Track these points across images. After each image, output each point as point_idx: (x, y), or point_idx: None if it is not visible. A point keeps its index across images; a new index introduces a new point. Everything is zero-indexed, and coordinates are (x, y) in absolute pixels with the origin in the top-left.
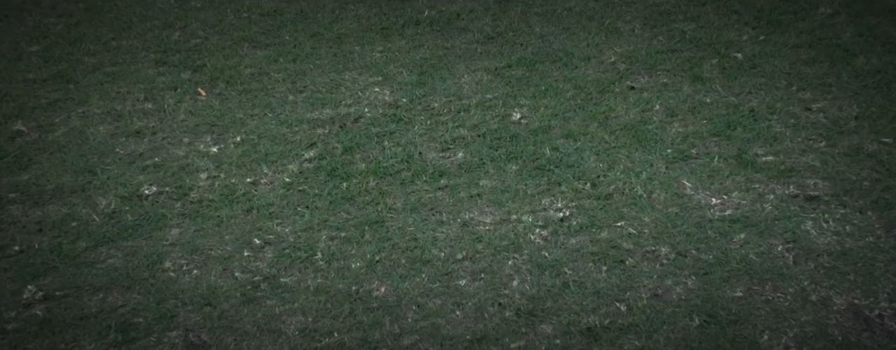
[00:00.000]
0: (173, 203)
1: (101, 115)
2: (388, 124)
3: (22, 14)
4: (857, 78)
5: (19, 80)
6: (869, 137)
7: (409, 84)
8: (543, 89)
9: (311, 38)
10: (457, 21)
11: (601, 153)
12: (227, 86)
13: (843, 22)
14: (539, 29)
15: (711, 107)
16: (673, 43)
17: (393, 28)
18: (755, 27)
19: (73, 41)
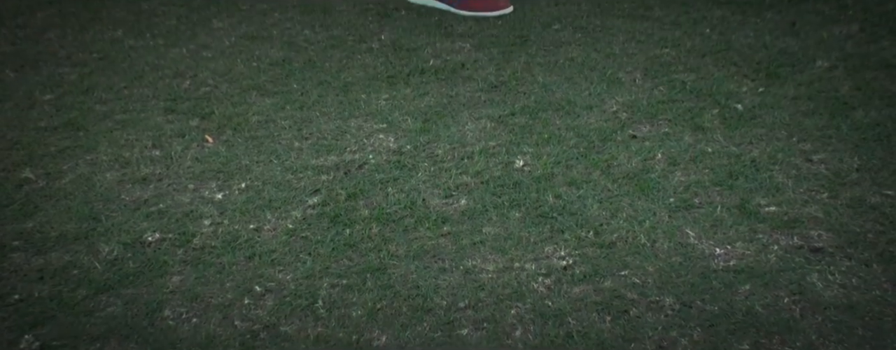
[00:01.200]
0: (176, 250)
1: (109, 162)
2: (391, 171)
3: (38, 64)
4: (856, 130)
5: (31, 128)
6: (871, 189)
7: (413, 131)
8: (546, 137)
9: (319, 86)
10: (461, 70)
11: (604, 201)
12: (234, 133)
13: (840, 76)
14: (542, 78)
15: (713, 156)
16: (674, 93)
17: (399, 77)
18: (754, 79)
19: (86, 90)
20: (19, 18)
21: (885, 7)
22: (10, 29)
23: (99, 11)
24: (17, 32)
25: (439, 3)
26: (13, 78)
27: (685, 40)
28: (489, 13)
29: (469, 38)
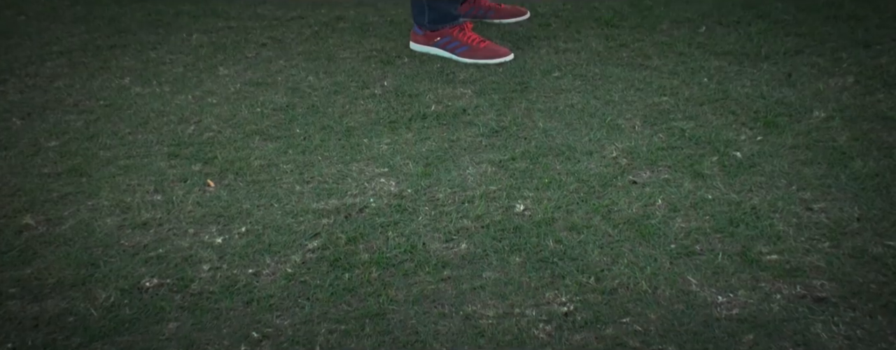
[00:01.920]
0: (173, 295)
1: (110, 208)
2: (392, 214)
3: (45, 112)
4: (855, 180)
5: (34, 174)
6: (873, 240)
7: (414, 175)
8: (547, 182)
9: (321, 130)
10: (463, 115)
11: (605, 246)
12: (235, 177)
13: (837, 126)
14: (542, 124)
15: (713, 203)
16: (673, 140)
17: (401, 121)
18: (752, 128)
19: (91, 136)
20: (30, 68)
21: (879, 61)
22: (20, 78)
23: (108, 61)
24: (26, 81)
25: (441, 51)
26: (20, 125)
27: (683, 89)
28: (490, 60)
29: (470, 84)
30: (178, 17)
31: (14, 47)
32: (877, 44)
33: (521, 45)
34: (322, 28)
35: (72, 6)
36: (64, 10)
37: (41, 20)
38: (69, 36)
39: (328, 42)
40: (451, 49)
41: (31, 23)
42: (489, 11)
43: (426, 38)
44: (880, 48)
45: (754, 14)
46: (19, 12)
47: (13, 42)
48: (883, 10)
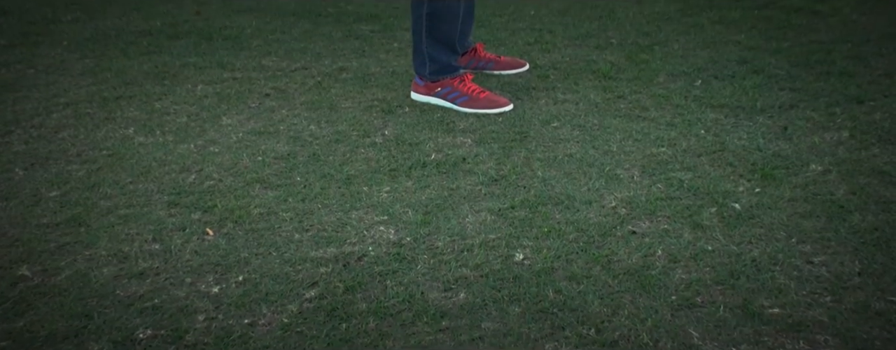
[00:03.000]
0: (167, 347)
1: (107, 258)
2: (391, 263)
3: (48, 162)
4: (855, 234)
5: (33, 224)
6: (875, 295)
7: (413, 223)
8: (546, 231)
9: (322, 178)
10: (462, 164)
11: (605, 297)
12: (235, 225)
13: (835, 180)
14: (541, 173)
15: (713, 255)
16: (671, 191)
17: (401, 170)
18: (750, 180)
19: (92, 186)
20: (36, 119)
21: (872, 117)
22: (26, 129)
23: (113, 111)
24: (31, 132)
25: (442, 101)
26: (22, 176)
27: (680, 140)
28: (490, 110)
29: (470, 133)
30: (185, 68)
31: (21, 99)
32: (869, 100)
33: (521, 95)
34: (325, 79)
35: (81, 59)
36: (73, 63)
37: (50, 73)
38: (76, 88)
39: (331, 92)
40: (452, 99)
41: (39, 75)
42: (489, 63)
43: (427, 89)
44: (873, 104)
45: (749, 69)
46: (29, 65)
47: (21, 94)
48: (874, 68)
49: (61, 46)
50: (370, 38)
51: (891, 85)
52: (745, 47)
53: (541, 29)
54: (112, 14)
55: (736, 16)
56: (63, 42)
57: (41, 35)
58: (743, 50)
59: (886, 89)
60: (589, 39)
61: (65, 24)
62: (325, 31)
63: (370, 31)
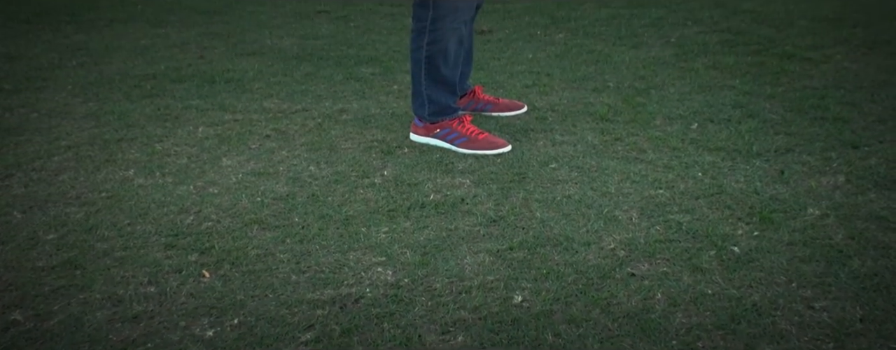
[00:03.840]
0: None
1: (102, 301)
2: (388, 305)
3: (46, 205)
4: (855, 279)
5: (28, 268)
6: (878, 342)
7: (411, 264)
8: (545, 273)
9: (320, 219)
10: (461, 205)
11: (605, 341)
12: (231, 267)
13: (833, 224)
14: (540, 214)
15: (713, 298)
16: (670, 233)
17: (399, 210)
18: (748, 223)
19: (90, 228)
20: (36, 162)
21: (868, 162)
22: (26, 172)
23: (114, 154)
24: (31, 175)
25: (441, 142)
26: (20, 219)
27: (678, 183)
28: (489, 151)
29: (469, 174)
30: (187, 110)
31: (23, 143)
32: (864, 145)
33: (519, 137)
34: (325, 120)
35: (84, 102)
36: (76, 107)
37: (53, 116)
38: (78, 131)
39: (331, 133)
40: (451, 140)
41: (42, 119)
42: (488, 105)
43: (426, 130)
44: (868, 150)
45: (744, 113)
46: (33, 109)
47: (23, 138)
48: (867, 114)
49: (66, 90)
50: (370, 80)
51: (884, 131)
52: (740, 92)
53: (538, 72)
54: (117, 59)
55: (730, 61)
56: (68, 86)
57: (47, 80)
58: (738, 94)
59: (880, 135)
60: (586, 82)
61: (70, 68)
62: (327, 74)
63: (371, 74)
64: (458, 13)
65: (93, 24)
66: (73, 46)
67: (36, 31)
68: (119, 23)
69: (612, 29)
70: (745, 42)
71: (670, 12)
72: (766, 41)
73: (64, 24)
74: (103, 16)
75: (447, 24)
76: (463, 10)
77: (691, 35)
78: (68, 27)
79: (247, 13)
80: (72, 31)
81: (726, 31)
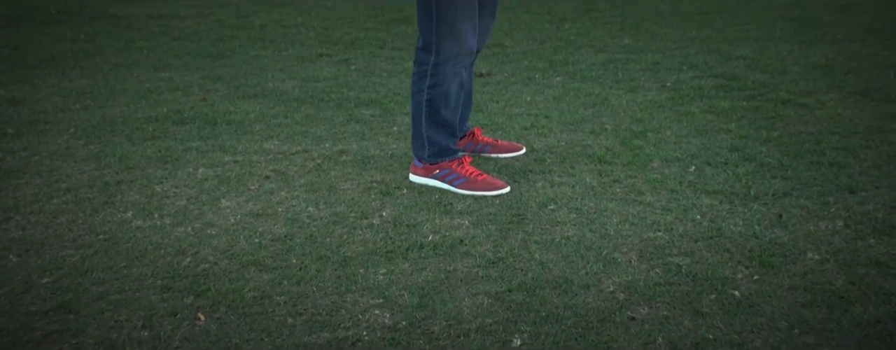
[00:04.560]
0: None
1: (94, 346)
2: (385, 348)
3: (43, 248)
4: (857, 326)
5: (21, 313)
6: None
7: (409, 307)
8: (544, 315)
9: (318, 261)
10: (459, 246)
11: None
12: (227, 310)
13: (833, 269)
14: (539, 256)
15: (715, 344)
16: (670, 276)
17: (397, 252)
18: (748, 266)
19: (85, 271)
20: (35, 205)
21: (866, 207)
22: (24, 215)
23: (113, 196)
24: (29, 218)
25: (440, 183)
26: (15, 263)
27: (677, 225)
28: (487, 192)
29: (468, 215)
30: (187, 152)
31: (23, 186)
32: (861, 190)
33: (518, 178)
34: (325, 161)
35: (86, 145)
36: (78, 150)
37: (54, 159)
38: (79, 173)
39: (330, 174)
40: (450, 181)
41: (43, 162)
42: (487, 146)
43: (425, 171)
44: (865, 195)
45: (740, 156)
46: (34, 153)
47: (23, 181)
48: (862, 160)
49: (68, 133)
50: (371, 121)
51: (880, 176)
52: (736, 136)
53: (537, 114)
54: (120, 102)
55: (725, 106)
56: (70, 129)
57: (50, 123)
58: (734, 138)
59: (877, 180)
60: (584, 125)
61: (74, 112)
62: (327, 116)
63: (371, 116)
64: (459, 58)
65: (98, 68)
66: (77, 90)
67: (42, 76)
68: (123, 67)
69: (609, 73)
70: (739, 87)
71: (665, 57)
72: (761, 87)
73: (69, 68)
74: (108, 61)
75: (448, 69)
76: (464, 55)
77: (687, 80)
78: (74, 72)
79: (249, 57)
80: (77, 75)
81: (721, 77)
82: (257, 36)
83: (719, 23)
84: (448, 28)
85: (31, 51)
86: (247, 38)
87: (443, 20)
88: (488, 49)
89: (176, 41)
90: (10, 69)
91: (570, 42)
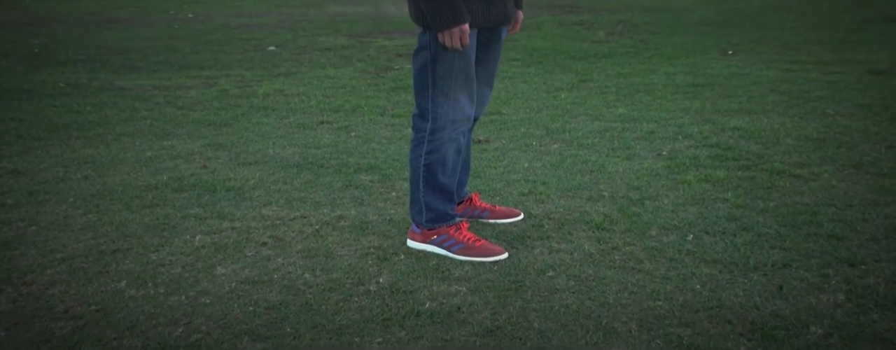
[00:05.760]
0: None
1: None
2: None
3: (33, 321)
4: None
5: None
6: None
7: None
8: None
9: (313, 329)
10: (457, 313)
11: None
12: None
13: (837, 344)
14: (538, 325)
15: None
16: (671, 348)
17: (394, 319)
18: (751, 339)
19: (74, 345)
20: (28, 276)
21: (866, 281)
22: (16, 287)
23: (108, 265)
24: (21, 290)
25: (438, 249)
26: (3, 337)
27: (677, 295)
28: (485, 258)
29: (465, 281)
30: (185, 220)
31: (17, 257)
32: (861, 263)
33: (516, 244)
34: (323, 227)
35: (84, 214)
36: (75, 219)
37: (50, 229)
38: (75, 243)
39: (328, 240)
40: (448, 247)
41: (40, 232)
42: (484, 212)
43: (423, 236)
44: (865, 268)
45: (738, 226)
46: (32, 223)
47: (18, 252)
48: (861, 232)
49: (67, 203)
50: (369, 187)
51: (879, 250)
52: (733, 205)
53: (534, 180)
54: (122, 171)
55: (721, 175)
56: (69, 198)
57: (49, 193)
58: (731, 208)
59: (876, 254)
60: (581, 191)
61: (74, 181)
62: (326, 181)
63: (370, 181)
64: (456, 124)
65: (101, 138)
66: (79, 160)
67: (45, 147)
68: (127, 136)
69: (605, 141)
70: (734, 157)
71: (660, 127)
72: (755, 157)
73: (73, 138)
74: (112, 130)
75: (446, 135)
76: (460, 122)
77: (682, 149)
78: (77, 142)
79: (252, 124)
80: (80, 145)
81: (716, 147)
82: (260, 104)
83: (711, 94)
84: (444, 96)
85: (36, 123)
86: (250, 106)
87: (438, 88)
88: (486, 116)
89: (180, 110)
90: (14, 141)
91: (566, 110)
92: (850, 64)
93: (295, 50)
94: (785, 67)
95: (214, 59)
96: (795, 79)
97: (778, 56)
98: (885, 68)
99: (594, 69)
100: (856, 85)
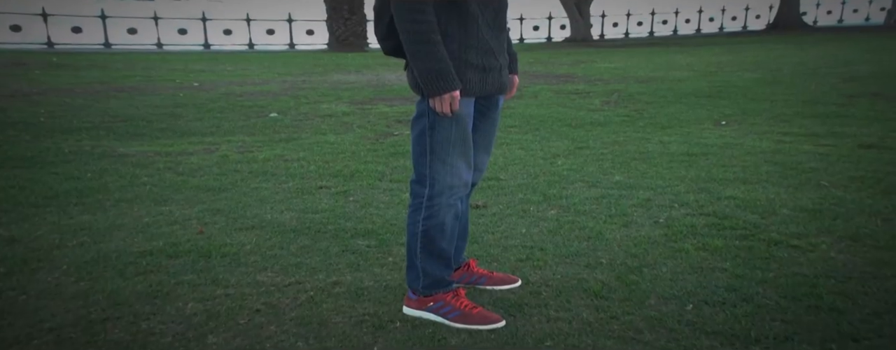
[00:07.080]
0: None
1: None
2: None
3: None
4: None
5: None
6: None
7: None
8: None
9: None
10: None
11: None
12: None
13: None
14: None
15: None
16: None
17: None
18: None
19: None
20: (14, 347)
21: None
22: None
23: (97, 335)
24: None
25: (434, 316)
26: None
27: None
28: (482, 326)
29: None
30: (178, 286)
31: (5, 327)
32: (864, 339)
33: (513, 312)
34: (318, 293)
35: (76, 282)
36: (67, 287)
37: (41, 298)
38: (64, 312)
39: (322, 307)
40: (444, 314)
41: (29, 301)
42: (482, 278)
43: (420, 303)
44: (869, 343)
45: (738, 296)
46: (22, 292)
47: (5, 322)
48: (862, 306)
49: (60, 271)
50: (366, 252)
51: (882, 325)
52: (732, 275)
53: (532, 246)
54: (117, 237)
55: (719, 244)
56: (62, 266)
57: (43, 261)
58: (730, 277)
59: (879, 329)
60: (579, 258)
61: (69, 248)
62: (323, 247)
63: (366, 246)
64: (454, 190)
65: (100, 204)
66: (76, 227)
67: (42, 214)
68: (125, 202)
69: (602, 208)
70: (731, 226)
71: (657, 194)
72: (752, 227)
73: (71, 205)
74: (111, 196)
75: (444, 201)
76: (459, 188)
77: (679, 217)
78: (75, 208)
79: (250, 189)
80: (78, 212)
81: (712, 215)
82: (260, 169)
83: (706, 164)
84: (441, 162)
85: (35, 190)
86: (249, 171)
87: (436, 154)
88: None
89: (180, 176)
90: (11, 209)
91: (563, 177)
92: (841, 137)
93: (296, 116)
94: (777, 139)
95: (217, 126)
96: (788, 150)
97: (770, 127)
98: (875, 142)
99: (590, 137)
100: (848, 157)
